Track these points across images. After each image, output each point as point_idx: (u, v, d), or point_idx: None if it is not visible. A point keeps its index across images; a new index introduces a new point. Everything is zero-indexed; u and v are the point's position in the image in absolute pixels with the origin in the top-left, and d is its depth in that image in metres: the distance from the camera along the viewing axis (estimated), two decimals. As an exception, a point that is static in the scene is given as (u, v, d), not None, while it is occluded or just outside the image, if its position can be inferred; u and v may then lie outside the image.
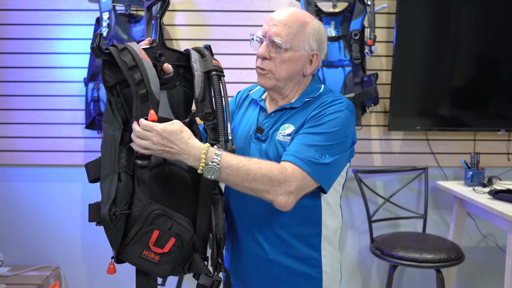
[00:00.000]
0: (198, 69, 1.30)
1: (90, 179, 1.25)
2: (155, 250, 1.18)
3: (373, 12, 2.51)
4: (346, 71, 2.61)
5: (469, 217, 2.86)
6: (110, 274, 1.22)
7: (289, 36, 1.33)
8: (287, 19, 1.34)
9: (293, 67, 1.37)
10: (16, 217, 2.84)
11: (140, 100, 1.16)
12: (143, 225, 1.17)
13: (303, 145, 1.28)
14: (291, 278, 1.38)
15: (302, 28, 1.35)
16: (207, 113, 1.29)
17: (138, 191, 1.18)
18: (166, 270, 1.21)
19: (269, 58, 1.35)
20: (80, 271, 2.89)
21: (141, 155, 1.17)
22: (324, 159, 1.28)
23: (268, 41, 1.34)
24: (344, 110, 1.33)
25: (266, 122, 1.41)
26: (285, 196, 1.25)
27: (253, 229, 1.38)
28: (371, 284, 2.95)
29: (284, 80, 1.38)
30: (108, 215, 1.14)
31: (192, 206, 1.30)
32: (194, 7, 2.74)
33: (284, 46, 1.32)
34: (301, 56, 1.36)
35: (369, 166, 2.86)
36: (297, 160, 1.26)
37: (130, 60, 1.16)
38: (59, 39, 2.73)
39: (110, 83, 1.20)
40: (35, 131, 2.78)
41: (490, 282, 2.95)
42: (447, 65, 2.76)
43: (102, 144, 1.22)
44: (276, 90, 1.41)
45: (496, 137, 2.88)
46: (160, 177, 1.26)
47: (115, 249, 1.19)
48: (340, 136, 1.31)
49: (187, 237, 1.21)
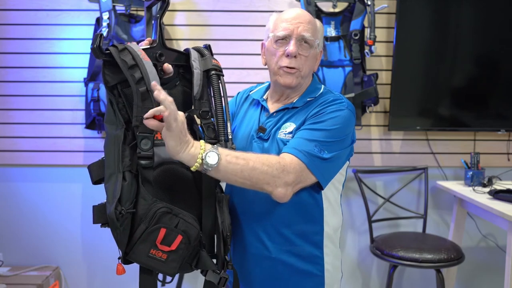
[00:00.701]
0: (197, 68, 1.30)
1: (93, 180, 1.24)
2: (162, 249, 1.17)
3: (373, 12, 2.51)
4: (346, 71, 2.61)
5: (469, 217, 2.86)
6: (119, 275, 1.21)
7: (314, 33, 1.39)
8: (308, 17, 1.39)
9: (313, 64, 1.43)
10: (16, 217, 2.84)
11: (140, 98, 1.16)
12: (149, 223, 1.16)
13: (303, 139, 1.30)
14: (294, 276, 1.39)
15: (319, 26, 1.42)
16: (205, 111, 1.29)
17: (143, 190, 1.18)
18: (174, 268, 1.20)
19: (298, 56, 1.37)
20: (80, 271, 2.89)
21: (144, 156, 1.17)
22: (323, 154, 1.29)
23: (297, 39, 1.36)
24: (344, 109, 1.36)
25: (268, 121, 1.43)
26: (283, 188, 1.26)
27: (256, 228, 1.39)
28: (371, 284, 2.95)
29: (306, 77, 1.42)
30: (114, 213, 1.13)
31: (197, 205, 1.30)
32: (194, 7, 2.74)
33: (316, 42, 1.38)
34: (317, 53, 1.43)
35: (369, 166, 2.86)
36: (295, 151, 1.28)
37: (130, 59, 1.16)
38: (59, 39, 2.73)
39: (111, 83, 1.20)
40: (35, 131, 2.78)
41: (490, 282, 2.95)
42: (447, 65, 2.76)
43: (105, 144, 1.22)
44: (296, 88, 1.43)
45: (496, 137, 2.88)
46: (164, 176, 1.26)
47: (122, 249, 1.18)
48: (340, 134, 1.33)
49: (193, 233, 1.21)
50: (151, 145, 1.17)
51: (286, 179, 1.25)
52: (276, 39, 1.38)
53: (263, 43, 1.48)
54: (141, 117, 1.14)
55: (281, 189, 1.26)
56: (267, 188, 1.25)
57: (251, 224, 1.39)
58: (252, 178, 1.23)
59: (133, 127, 1.17)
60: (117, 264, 1.21)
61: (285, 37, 1.37)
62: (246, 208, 1.40)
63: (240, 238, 1.43)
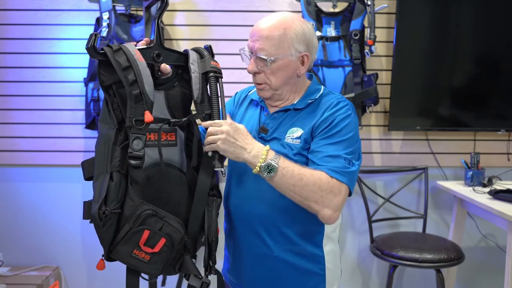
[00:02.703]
0: (195, 71, 1.30)
1: (85, 177, 1.26)
2: (145, 250, 1.19)
3: (373, 12, 2.51)
4: (346, 71, 2.61)
5: (469, 217, 2.86)
6: (99, 269, 1.24)
7: (272, 48, 1.35)
8: (267, 31, 1.35)
9: (285, 74, 1.39)
10: (16, 217, 2.84)
11: (134, 100, 1.17)
12: (133, 224, 1.17)
13: (331, 157, 1.32)
14: (296, 275, 1.40)
15: (283, 35, 1.35)
16: (207, 114, 1.30)
17: (131, 191, 1.18)
18: (157, 269, 1.21)
19: (259, 72, 1.38)
20: (80, 271, 2.89)
21: (135, 155, 1.18)
22: (353, 166, 1.33)
23: (255, 57, 1.37)
24: (351, 113, 1.38)
25: (269, 122, 1.43)
26: (331, 210, 1.29)
27: (258, 228, 1.39)
28: (371, 284, 2.95)
29: (281, 87, 1.41)
30: (97, 213, 1.14)
31: (188, 207, 1.30)
32: (194, 7, 2.74)
33: (269, 59, 1.35)
34: (290, 61, 1.38)
35: (369, 166, 2.86)
36: (333, 173, 1.29)
37: (124, 61, 1.17)
38: (59, 39, 2.74)
39: (106, 83, 1.21)
40: (35, 131, 2.78)
41: (490, 282, 2.95)
42: (447, 65, 2.76)
43: (96, 143, 1.24)
44: (275, 98, 1.44)
45: (496, 137, 2.88)
46: (156, 177, 1.26)
47: (105, 247, 1.20)
48: (355, 139, 1.37)
49: (177, 237, 1.22)
50: (143, 146, 1.18)
51: (335, 201, 1.29)
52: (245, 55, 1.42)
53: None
54: (134, 118, 1.16)
55: (328, 211, 1.29)
56: (315, 207, 1.29)
57: (253, 224, 1.40)
58: (302, 194, 1.27)
59: (126, 128, 1.18)
60: (100, 260, 1.23)
61: (249, 54, 1.40)
62: (248, 209, 1.41)
63: (240, 239, 1.44)
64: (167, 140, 1.29)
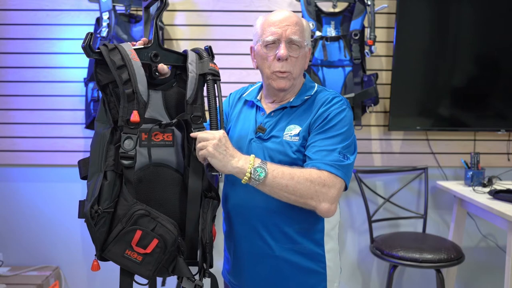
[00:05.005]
0: (193, 71, 1.29)
1: (81, 175, 1.26)
2: (137, 250, 1.18)
3: (373, 12, 2.51)
4: (346, 71, 2.60)
5: (469, 217, 2.86)
6: (94, 271, 1.24)
7: (302, 33, 1.40)
8: (295, 18, 1.40)
9: (304, 64, 1.44)
10: (16, 217, 2.85)
11: (126, 99, 1.17)
12: (126, 224, 1.17)
13: (326, 151, 1.32)
14: (297, 274, 1.40)
15: (305, 25, 1.43)
16: (196, 116, 1.29)
17: (125, 190, 1.18)
18: (150, 270, 1.20)
19: (287, 59, 1.39)
20: (80, 271, 2.89)
21: (126, 155, 1.18)
22: (347, 160, 1.33)
23: (286, 42, 1.37)
24: (346, 108, 1.40)
25: (267, 121, 1.43)
26: (328, 203, 1.29)
27: (258, 227, 1.39)
28: (371, 284, 2.95)
29: (297, 77, 1.44)
30: (89, 212, 1.14)
31: (183, 208, 1.30)
32: (194, 7, 2.74)
33: (305, 43, 1.40)
34: (306, 52, 1.44)
35: (369, 166, 2.86)
36: (327, 167, 1.30)
37: (118, 60, 1.17)
38: (59, 39, 2.74)
39: (102, 82, 1.21)
40: (35, 131, 2.78)
41: (490, 282, 2.95)
42: (447, 65, 2.76)
43: (91, 142, 1.24)
44: (289, 90, 1.44)
45: (496, 137, 2.88)
46: (151, 177, 1.26)
47: (97, 246, 1.20)
48: (350, 133, 1.38)
49: (170, 239, 1.21)
50: (134, 146, 1.18)
51: (330, 194, 1.29)
52: (265, 44, 1.40)
53: (252, 46, 1.49)
54: (126, 117, 1.16)
55: (325, 204, 1.29)
56: (311, 203, 1.29)
57: (253, 224, 1.40)
58: (296, 192, 1.27)
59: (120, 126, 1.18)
60: (93, 260, 1.23)
61: (274, 41, 1.38)
62: (248, 209, 1.41)
63: (241, 239, 1.44)
64: (164, 140, 1.29)
